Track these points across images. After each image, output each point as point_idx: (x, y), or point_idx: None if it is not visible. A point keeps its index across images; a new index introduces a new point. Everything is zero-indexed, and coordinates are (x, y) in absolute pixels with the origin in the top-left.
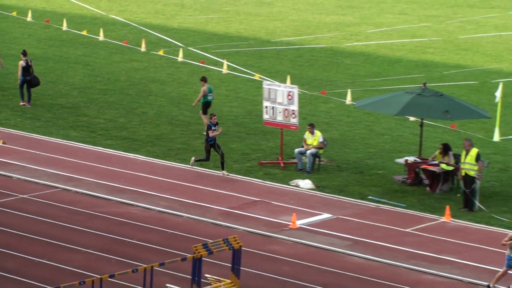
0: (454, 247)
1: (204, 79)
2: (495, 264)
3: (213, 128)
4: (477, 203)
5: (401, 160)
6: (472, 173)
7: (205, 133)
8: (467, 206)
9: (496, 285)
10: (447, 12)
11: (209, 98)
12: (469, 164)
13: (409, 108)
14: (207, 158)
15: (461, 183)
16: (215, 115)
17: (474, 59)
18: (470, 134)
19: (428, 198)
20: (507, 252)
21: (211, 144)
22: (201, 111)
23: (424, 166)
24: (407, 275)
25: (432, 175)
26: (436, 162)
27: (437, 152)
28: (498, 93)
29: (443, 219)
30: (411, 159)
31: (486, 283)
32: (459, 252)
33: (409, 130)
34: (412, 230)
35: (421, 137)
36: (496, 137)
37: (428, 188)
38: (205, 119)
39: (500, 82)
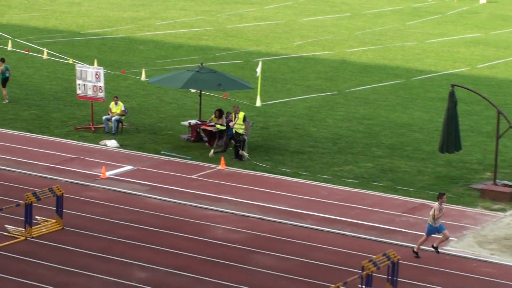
0: (229, 188)
1: (2, 60)
2: (261, 200)
3: (231, 122)
4: (245, 154)
5: (185, 123)
6: (240, 131)
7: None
8: (237, 156)
9: (420, 247)
10: (217, 7)
11: (7, 74)
12: (238, 124)
13: (190, 82)
14: (224, 150)
15: None
16: (231, 113)
17: (239, 44)
18: (238, 101)
19: (207, 151)
20: (428, 220)
21: (230, 137)
22: (1, 85)
23: (203, 127)
24: (194, 212)
25: (210, 134)
26: (212, 123)
27: (213, 116)
28: (259, 69)
29: (220, 167)
30: (193, 121)
31: (412, 246)
32: (233, 192)
33: (191, 99)
34: (196, 176)
35: (200, 105)
36: (258, 103)
37: (207, 144)
38: (4, 92)
39: (259, 60)
